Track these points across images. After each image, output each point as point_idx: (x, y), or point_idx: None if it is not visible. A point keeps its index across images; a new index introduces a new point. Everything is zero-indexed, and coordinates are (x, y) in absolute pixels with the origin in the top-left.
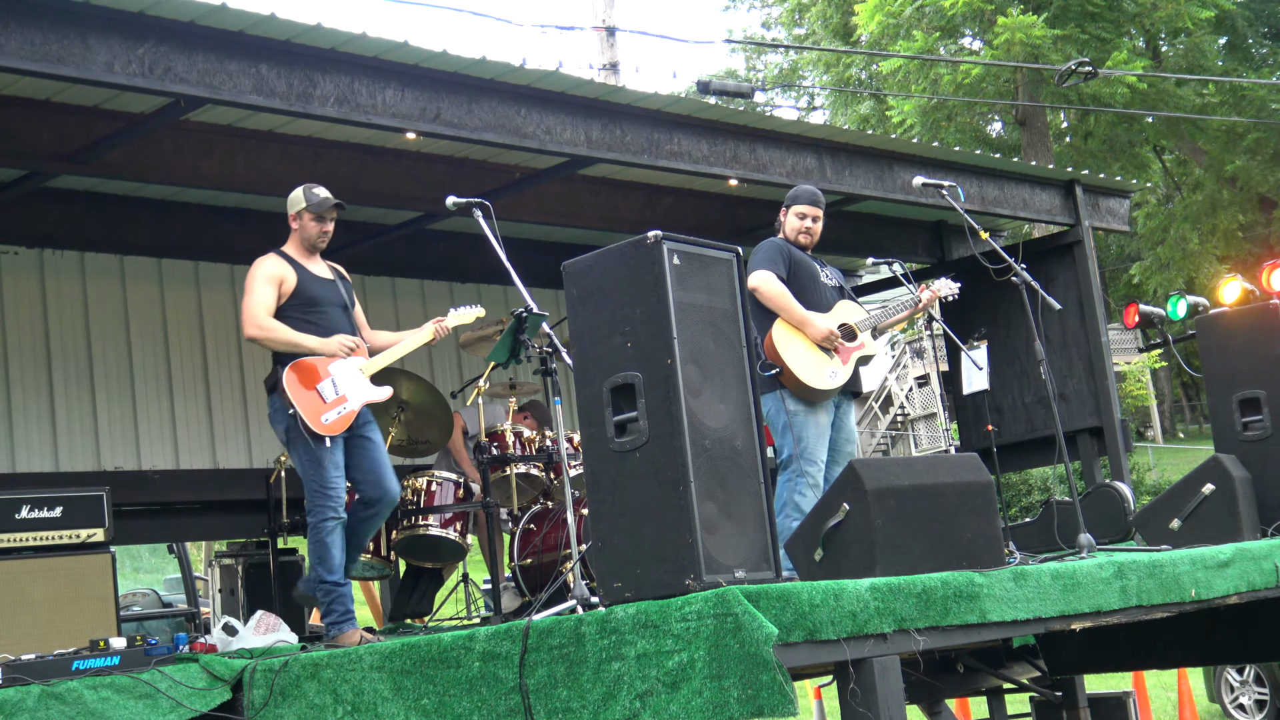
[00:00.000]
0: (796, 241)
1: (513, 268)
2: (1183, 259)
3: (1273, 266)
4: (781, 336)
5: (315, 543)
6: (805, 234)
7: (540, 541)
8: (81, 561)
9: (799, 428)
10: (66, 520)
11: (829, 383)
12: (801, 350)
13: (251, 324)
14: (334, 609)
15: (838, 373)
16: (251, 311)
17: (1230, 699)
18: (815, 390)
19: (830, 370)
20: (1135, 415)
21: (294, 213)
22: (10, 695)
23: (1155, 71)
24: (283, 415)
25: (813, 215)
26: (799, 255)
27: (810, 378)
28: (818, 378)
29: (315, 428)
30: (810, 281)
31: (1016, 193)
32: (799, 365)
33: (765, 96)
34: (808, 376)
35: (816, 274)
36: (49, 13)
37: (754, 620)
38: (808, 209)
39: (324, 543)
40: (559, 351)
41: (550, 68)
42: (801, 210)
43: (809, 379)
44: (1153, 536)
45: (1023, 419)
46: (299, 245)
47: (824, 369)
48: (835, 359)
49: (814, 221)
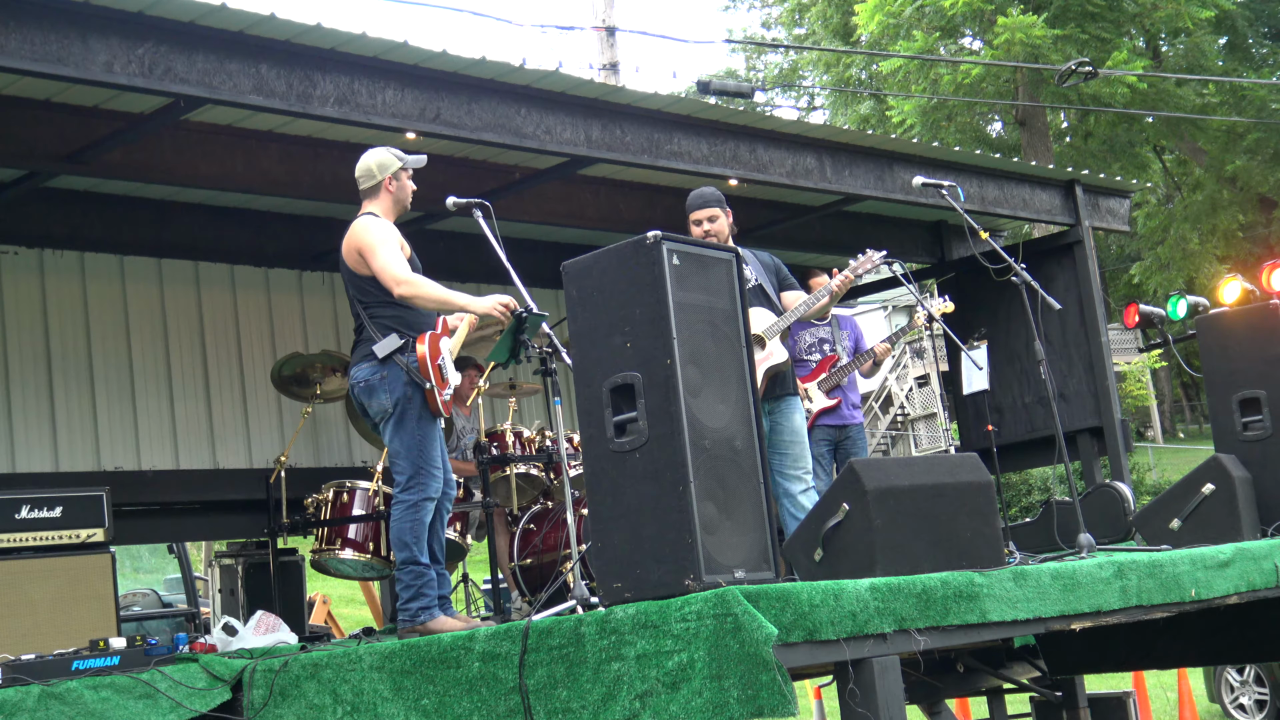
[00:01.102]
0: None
1: (513, 268)
2: (1183, 259)
3: (1273, 266)
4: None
5: (413, 522)
6: (711, 237)
7: (540, 541)
8: (81, 561)
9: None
10: (66, 520)
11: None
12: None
13: (401, 282)
14: (425, 594)
15: None
16: (395, 270)
17: (1230, 699)
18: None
19: None
20: (1135, 415)
21: (390, 174)
22: (10, 695)
23: (1155, 71)
24: (399, 386)
25: (706, 217)
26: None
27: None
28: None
29: (438, 405)
30: None
31: (1016, 193)
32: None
33: (765, 96)
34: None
35: None
36: (49, 13)
37: (754, 620)
38: (699, 213)
39: (422, 522)
40: (559, 351)
41: (550, 68)
42: (695, 217)
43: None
44: (1153, 536)
45: (1023, 419)
46: (390, 208)
47: None
48: None
49: (710, 222)
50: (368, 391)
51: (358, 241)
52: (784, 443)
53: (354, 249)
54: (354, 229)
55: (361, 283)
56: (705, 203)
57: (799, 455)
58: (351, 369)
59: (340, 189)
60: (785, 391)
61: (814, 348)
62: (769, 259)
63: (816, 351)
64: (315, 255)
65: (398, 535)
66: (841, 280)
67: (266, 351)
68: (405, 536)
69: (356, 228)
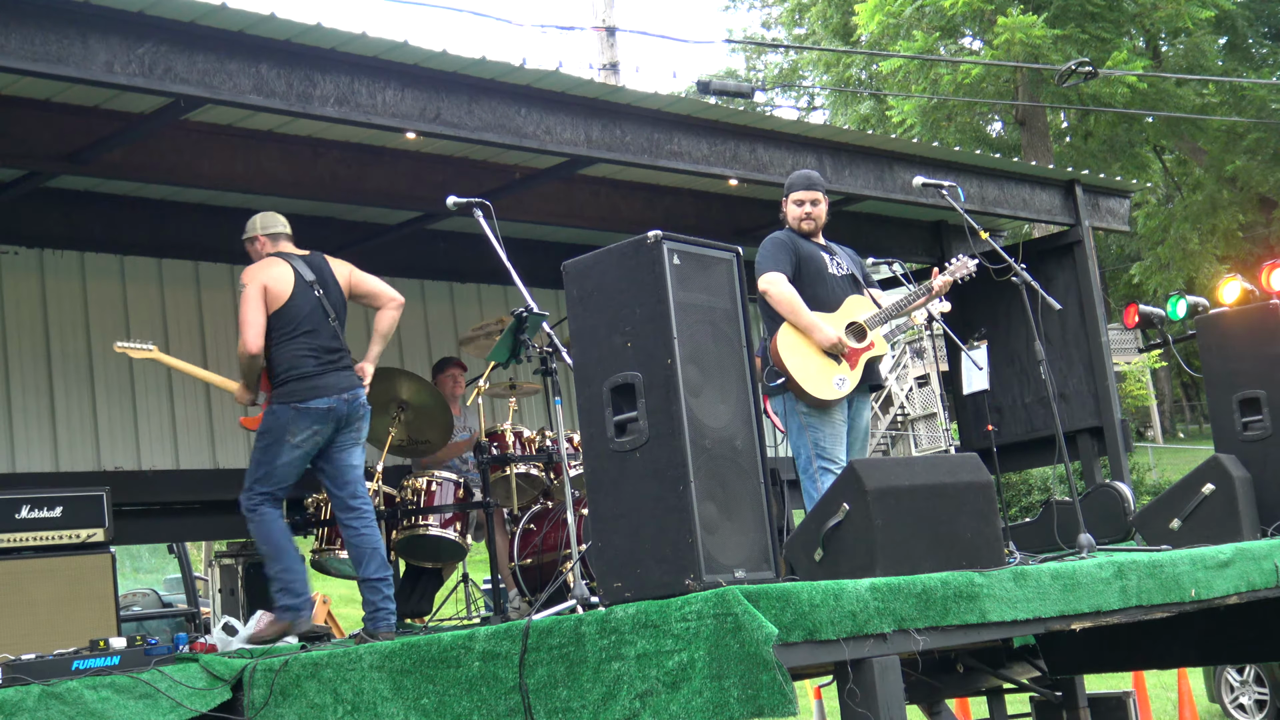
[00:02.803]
0: (800, 230)
1: (513, 268)
2: (1183, 259)
3: (1273, 266)
4: (786, 344)
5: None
6: (807, 220)
7: (540, 541)
8: (81, 561)
9: (812, 432)
10: (66, 520)
11: (835, 392)
12: (806, 359)
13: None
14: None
15: (845, 380)
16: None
17: (1230, 699)
18: (821, 401)
19: (837, 379)
20: (1135, 415)
21: (246, 238)
22: (10, 695)
23: (1155, 71)
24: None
25: (810, 199)
26: (805, 247)
27: (815, 388)
28: (823, 388)
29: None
30: (816, 275)
31: (1016, 193)
32: (804, 376)
33: (765, 96)
34: (812, 388)
35: (823, 266)
36: (49, 13)
37: (754, 620)
38: (804, 194)
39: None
40: (559, 351)
41: (550, 68)
42: (799, 196)
43: (814, 390)
44: (1153, 536)
45: (1023, 419)
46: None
47: (830, 378)
48: (843, 365)
49: (813, 205)
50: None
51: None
52: (855, 437)
53: (351, 283)
54: (344, 266)
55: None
56: (811, 184)
57: (863, 450)
58: (358, 390)
59: (340, 189)
60: (869, 382)
61: None
62: (855, 255)
63: None
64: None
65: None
66: (941, 283)
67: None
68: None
69: (344, 267)
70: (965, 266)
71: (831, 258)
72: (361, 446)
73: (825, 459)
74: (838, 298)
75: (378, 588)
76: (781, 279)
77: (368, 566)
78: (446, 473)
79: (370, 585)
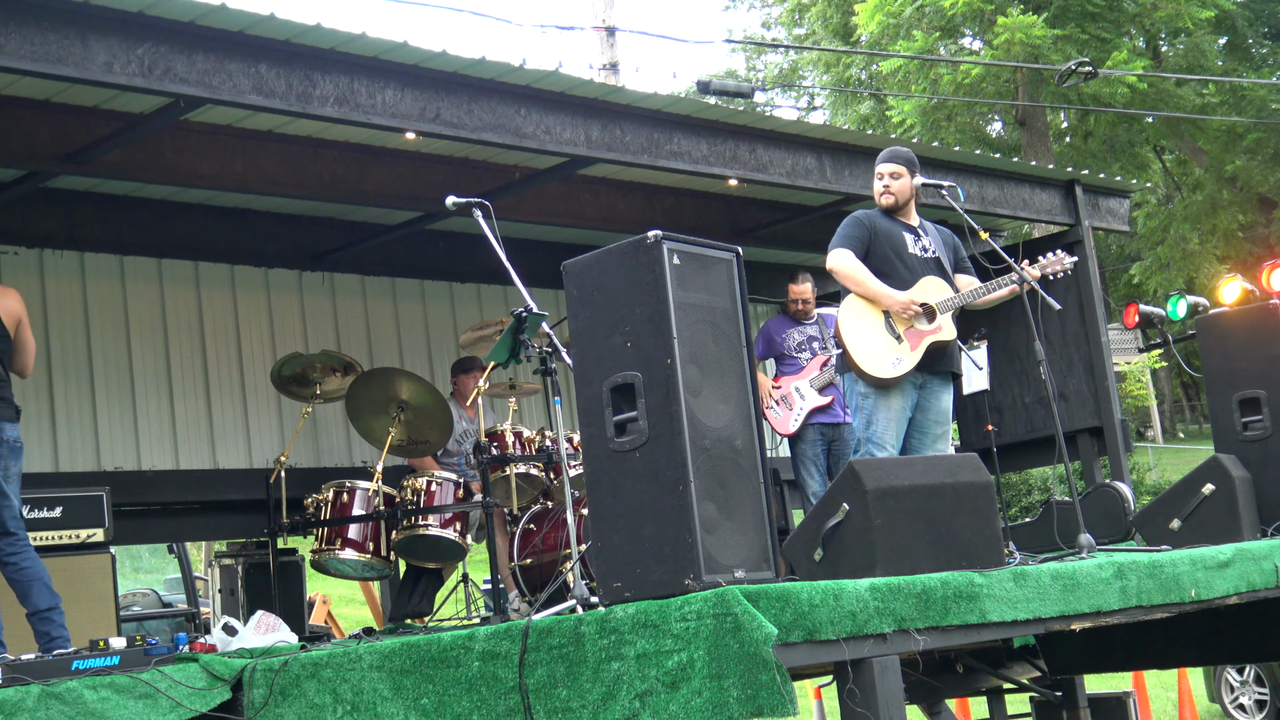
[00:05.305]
0: (881, 205)
1: (513, 268)
2: (1183, 259)
3: (1273, 266)
4: (849, 317)
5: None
6: (885, 194)
7: (540, 541)
8: (81, 561)
9: (868, 411)
10: (66, 520)
11: (891, 370)
12: (866, 334)
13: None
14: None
15: (903, 359)
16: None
17: (1230, 699)
18: (876, 379)
19: (895, 358)
20: (1135, 415)
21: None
22: (10, 695)
23: (1155, 71)
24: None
25: (889, 173)
26: (884, 225)
27: (870, 365)
28: (879, 365)
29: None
30: (894, 253)
31: (1016, 193)
32: (860, 351)
33: (765, 96)
34: (867, 364)
35: (903, 245)
36: (49, 13)
37: (753, 620)
38: (882, 167)
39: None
40: (559, 351)
41: (550, 68)
42: (879, 170)
43: (869, 366)
44: (1153, 536)
45: (1023, 419)
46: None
47: (887, 356)
48: (903, 344)
49: (892, 179)
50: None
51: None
52: (928, 422)
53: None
54: (15, 302)
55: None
56: (893, 158)
57: (938, 437)
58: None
59: (340, 189)
60: (944, 368)
61: (803, 346)
62: (950, 237)
63: (806, 350)
64: (315, 255)
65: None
66: (1031, 275)
67: (266, 351)
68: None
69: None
70: (1060, 262)
71: (917, 239)
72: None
73: (874, 442)
74: (914, 276)
75: (50, 618)
76: (847, 254)
77: (38, 598)
78: (446, 473)
79: (42, 618)
